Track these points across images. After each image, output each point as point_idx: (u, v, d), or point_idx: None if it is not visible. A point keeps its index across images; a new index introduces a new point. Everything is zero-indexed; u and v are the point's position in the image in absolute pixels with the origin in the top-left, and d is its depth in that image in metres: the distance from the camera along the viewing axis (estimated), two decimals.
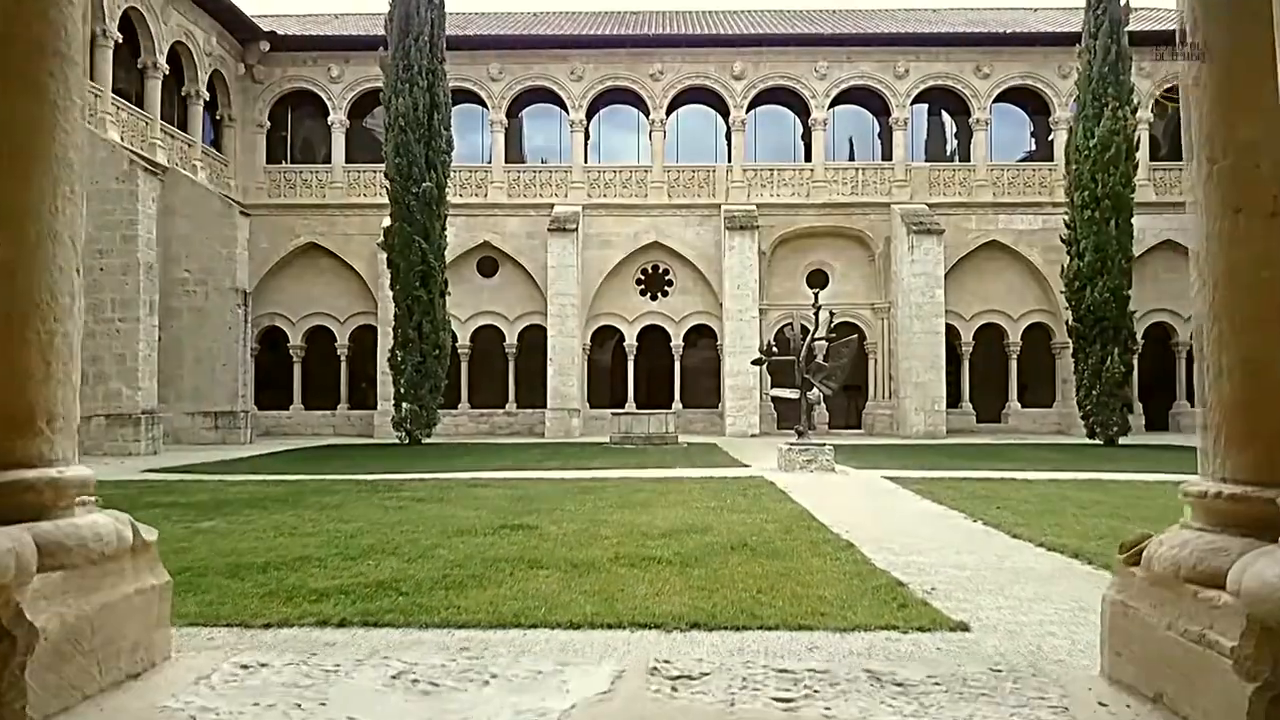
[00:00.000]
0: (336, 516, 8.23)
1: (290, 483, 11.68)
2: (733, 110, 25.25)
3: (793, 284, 25.64)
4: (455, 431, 25.26)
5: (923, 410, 23.38)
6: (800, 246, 25.62)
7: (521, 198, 25.44)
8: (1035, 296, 25.50)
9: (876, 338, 25.41)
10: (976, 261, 25.26)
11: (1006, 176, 25.41)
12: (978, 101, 25.14)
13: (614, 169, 25.56)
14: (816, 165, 25.31)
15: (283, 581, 5.26)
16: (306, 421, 25.59)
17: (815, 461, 13.10)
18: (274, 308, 25.75)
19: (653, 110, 25.28)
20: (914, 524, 8.34)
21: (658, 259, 25.72)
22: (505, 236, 25.30)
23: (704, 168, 25.53)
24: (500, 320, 25.69)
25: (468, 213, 25.23)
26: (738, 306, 23.80)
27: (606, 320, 25.78)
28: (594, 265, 25.19)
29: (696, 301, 25.65)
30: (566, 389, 23.67)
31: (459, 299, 25.35)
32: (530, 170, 25.64)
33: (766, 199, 25.24)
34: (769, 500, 9.79)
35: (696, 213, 25.29)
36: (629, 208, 25.26)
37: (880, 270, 25.33)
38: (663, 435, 20.40)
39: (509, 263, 25.55)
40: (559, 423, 23.57)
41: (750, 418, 23.57)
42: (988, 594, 5.36)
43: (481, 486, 11.13)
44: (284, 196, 25.58)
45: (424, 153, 19.45)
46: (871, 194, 25.34)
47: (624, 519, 8.10)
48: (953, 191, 25.34)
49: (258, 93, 25.51)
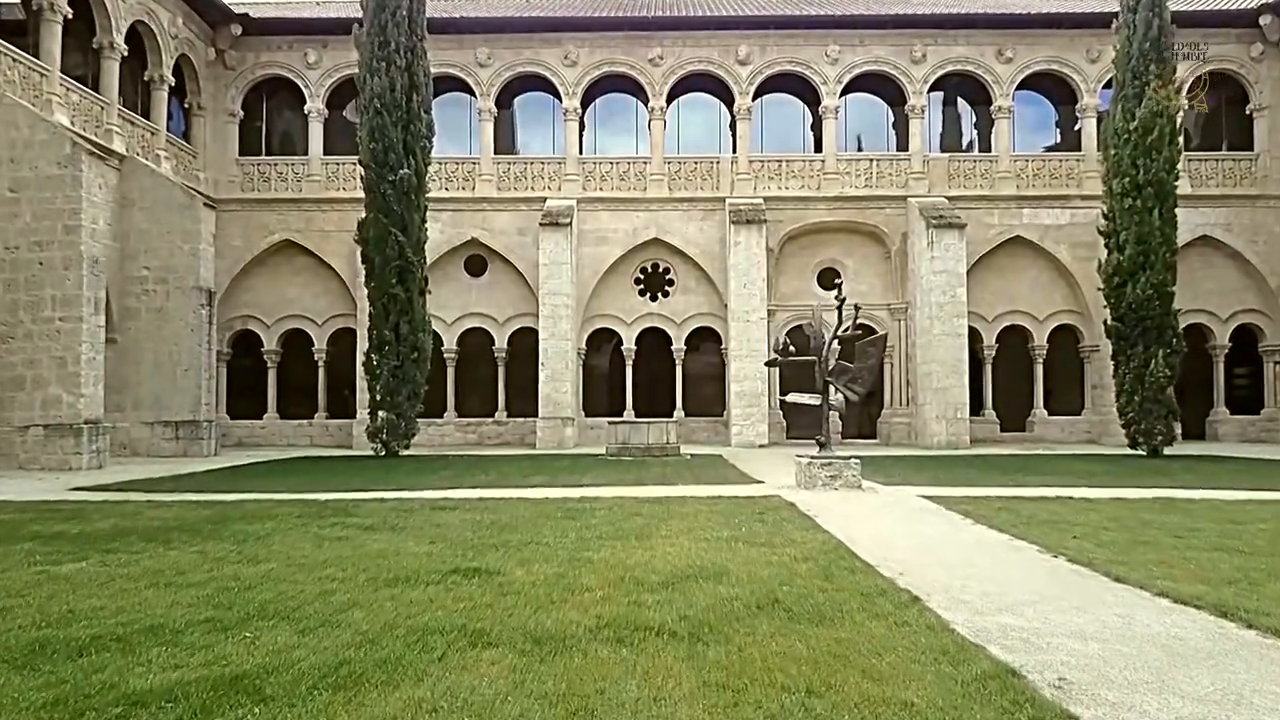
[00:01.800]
0: (250, 555, 6.49)
1: (225, 504, 9.93)
2: (738, 98, 23.58)
3: (802, 283, 23.92)
4: (441, 442, 23.53)
5: (944, 418, 21.62)
6: (810, 243, 23.91)
7: (512, 191, 23.75)
8: (1063, 296, 23.76)
9: (893, 340, 23.66)
10: (999, 259, 23.54)
11: (1031, 168, 23.70)
12: (1000, 88, 23.45)
13: (611, 161, 23.88)
14: (828, 156, 23.62)
15: (92, 676, 3.53)
16: (281, 432, 23.84)
17: (840, 477, 11.35)
18: (247, 310, 24.04)
19: (652, 98, 23.61)
20: (981, 561, 6.59)
21: (658, 256, 24.02)
22: (494, 233, 23.60)
23: (707, 159, 23.85)
24: (489, 322, 23.97)
25: (454, 207, 23.57)
26: (744, 307, 22.07)
27: (603, 322, 24.06)
28: (589, 263, 23.48)
29: (699, 302, 23.93)
30: (560, 396, 21.92)
31: (445, 300, 23.69)
32: (521, 162, 23.97)
33: (774, 192, 23.55)
34: (794, 528, 8.04)
35: (699, 207, 23.60)
36: (627, 202, 23.58)
37: (897, 268, 23.61)
38: (663, 446, 18.66)
39: (498, 261, 23.84)
40: (552, 432, 21.82)
41: (758, 426, 21.81)
42: (1149, 691, 3.61)
43: (448, 509, 9.38)
44: (258, 190, 23.89)
45: (402, 137, 17.76)
46: (886, 186, 23.64)
47: (614, 557, 6.37)
48: (973, 184, 23.63)
49: (229, 80, 23.85)
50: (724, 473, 14.50)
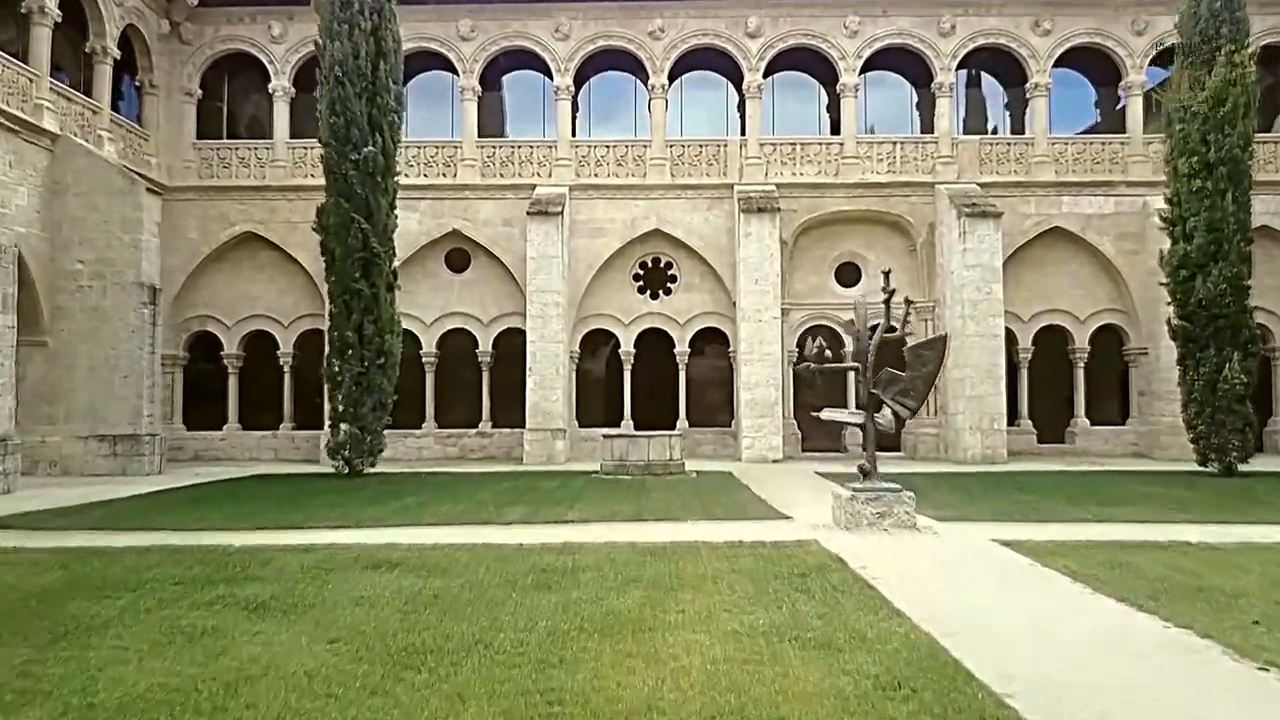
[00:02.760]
0: (31, 678, 4.20)
1: (95, 559, 7.63)
2: (747, 75, 21.31)
3: (819, 279, 21.65)
4: (418, 456, 21.25)
5: (979, 430, 19.34)
6: (828, 234, 21.64)
7: (497, 177, 21.47)
8: (1106, 294, 21.49)
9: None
10: (1036, 252, 21.27)
11: (1070, 152, 21.43)
12: (1036, 63, 21.18)
13: (607, 144, 21.60)
14: (846, 139, 21.35)
15: None
16: (243, 444, 21.55)
17: (890, 515, 9.08)
18: (205, 309, 21.75)
19: (652, 75, 21.35)
20: (1166, 686, 4.32)
21: (659, 250, 21.74)
22: (478, 224, 21.33)
23: (713, 142, 21.57)
24: (473, 323, 21.69)
25: (434, 195, 21.30)
26: (756, 305, 19.79)
27: (598, 322, 21.78)
28: (583, 257, 21.22)
29: (705, 300, 21.66)
30: (549, 405, 19.64)
31: (423, 297, 21.44)
32: (508, 146, 21.69)
33: (788, 178, 21.28)
34: (853, 605, 5.78)
35: (705, 194, 21.33)
36: (625, 189, 21.30)
37: (923, 262, 21.34)
38: (666, 463, 16.38)
39: (483, 254, 21.57)
40: (540, 446, 19.53)
41: (771, 439, 19.52)
42: None
43: (385, 569, 7.10)
44: (217, 177, 21.61)
45: (366, 110, 15.50)
46: (911, 172, 21.37)
47: (598, 684, 4.10)
48: (1007, 169, 21.37)
49: (186, 55, 21.56)
50: (740, 500, 12.21)
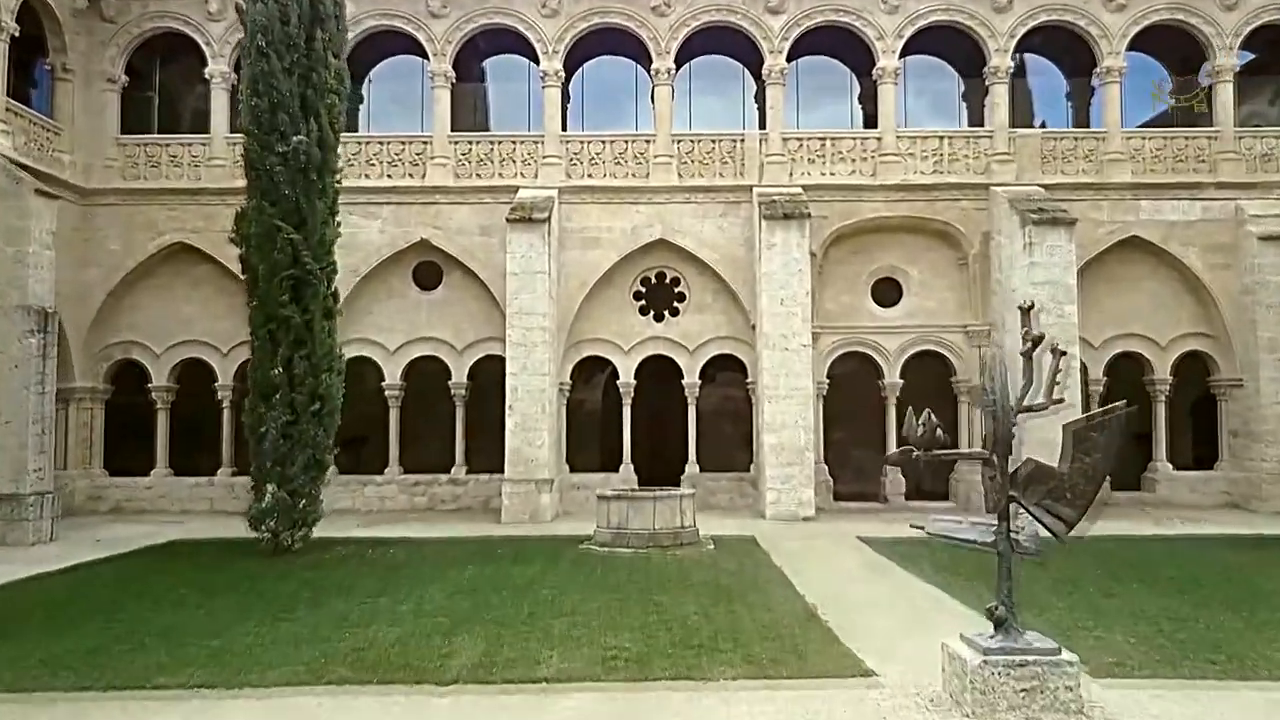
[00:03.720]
0: None
1: None
2: (768, 57, 18.09)
3: (853, 298, 18.39)
4: (381, 508, 17.98)
5: None
6: (863, 245, 18.39)
7: (474, 178, 18.21)
8: (1190, 315, 18.24)
9: (971, 373, 18.12)
10: (1109, 266, 18.02)
11: (1149, 148, 18.20)
12: (1108, 43, 17.97)
13: (603, 139, 18.36)
14: (885, 133, 18.11)
15: None
16: (174, 493, 18.22)
17: (1043, 692, 5.72)
18: (130, 334, 18.46)
19: (656, 58, 18.12)
20: None
21: (664, 263, 18.49)
22: (450, 232, 18.06)
23: (728, 137, 18.33)
24: (445, 349, 18.40)
25: (399, 199, 18.07)
26: (781, 330, 16.50)
27: (593, 349, 18.50)
28: (575, 272, 17.96)
29: (719, 322, 18.38)
30: (533, 451, 16.31)
31: (387, 320, 18.20)
32: (486, 141, 18.42)
33: (816, 179, 18.03)
34: None
35: (718, 198, 18.08)
36: (624, 192, 18.06)
37: (975, 278, 18.08)
38: (675, 531, 13.09)
39: (456, 269, 18.30)
40: (522, 501, 16.20)
41: (801, 492, 16.20)
42: None
43: None
44: (144, 178, 18.35)
45: (299, 90, 12.25)
46: (961, 172, 18.13)
47: None
48: (1074, 169, 18.13)
49: (108, 35, 18.32)
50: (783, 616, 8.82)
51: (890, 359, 18.22)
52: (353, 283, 17.81)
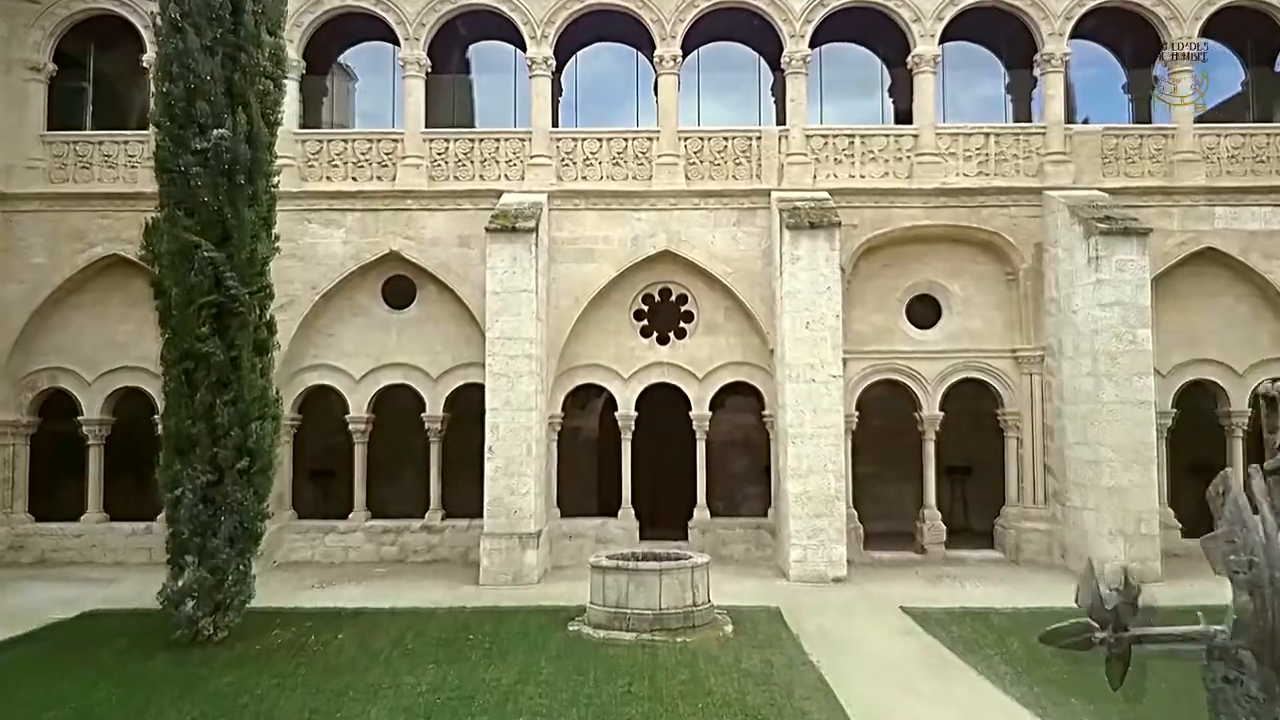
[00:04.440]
0: None
1: None
2: (788, 43, 15.77)
3: (886, 317, 16.07)
4: (345, 559, 15.67)
5: (1120, 534, 13.71)
6: (898, 257, 16.08)
7: (451, 181, 15.88)
8: (1273, 338, 15.90)
9: (1021, 404, 15.82)
10: (1177, 282, 15.68)
11: (1225, 147, 15.87)
12: (1178, 26, 15.66)
13: (599, 136, 16.03)
14: (923, 129, 15.79)
15: None
16: (106, 542, 15.90)
17: None
18: (57, 359, 16.14)
19: (660, 43, 15.80)
20: None
21: (669, 278, 16.17)
22: (424, 243, 15.74)
23: (743, 133, 16.01)
24: (418, 377, 16.07)
25: (365, 204, 15.75)
26: (807, 359, 14.16)
27: (587, 375, 16.19)
28: (567, 289, 15.64)
29: (732, 345, 16.07)
30: (517, 500, 13.96)
31: (352, 343, 15.88)
32: (465, 138, 16.07)
33: (843, 182, 15.72)
34: None
35: (731, 204, 15.77)
36: (624, 197, 15.75)
37: (1026, 296, 15.76)
38: (686, 611, 10.74)
39: (431, 285, 15.98)
40: (504, 559, 13.83)
41: (831, 549, 13.83)
42: None
43: None
44: (74, 181, 16.03)
45: (222, 74, 9.92)
46: (1010, 174, 15.82)
47: None
48: (1139, 171, 15.81)
49: (32, 17, 16.00)
50: None
51: (928, 388, 15.91)
52: (312, 301, 15.57)
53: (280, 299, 15.10)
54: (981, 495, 18.19)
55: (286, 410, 15.58)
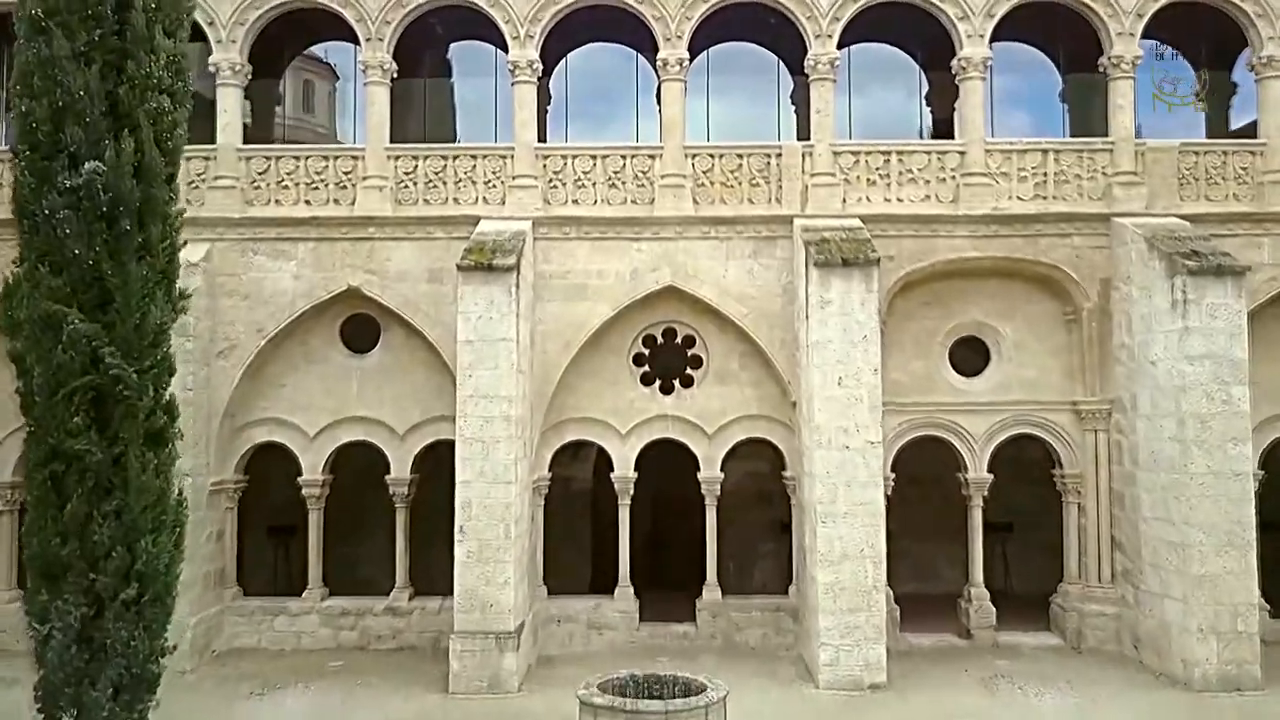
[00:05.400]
0: None
1: None
2: (813, 44, 13.49)
3: (925, 364, 13.82)
4: (296, 645, 13.49)
5: (1212, 632, 11.47)
6: (939, 294, 13.82)
7: (420, 205, 13.62)
8: None
9: (1084, 465, 13.60)
10: (1264, 324, 13.37)
11: None
12: (1268, 24, 13.39)
13: (593, 153, 13.74)
14: (970, 144, 13.52)
15: None
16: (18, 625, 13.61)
17: None
18: None
19: (665, 44, 13.52)
20: None
21: (674, 317, 13.91)
22: (388, 279, 13.47)
23: (760, 150, 13.72)
24: (382, 433, 13.81)
25: (319, 234, 13.50)
26: (840, 421, 11.89)
27: (579, 431, 13.94)
28: (556, 331, 13.40)
29: (748, 397, 13.82)
30: (493, 592, 11.67)
31: (305, 394, 13.68)
32: (437, 155, 13.76)
33: (878, 207, 13.47)
34: None
35: (747, 232, 13.51)
36: (622, 224, 13.49)
37: (1092, 340, 13.51)
38: None
39: (397, 326, 13.73)
40: (477, 661, 11.53)
41: (869, 649, 11.55)
42: None
43: None
44: None
45: (101, 87, 7.65)
46: (1072, 197, 13.55)
47: None
48: (1222, 193, 13.53)
49: None
50: None
51: (975, 446, 13.68)
52: (257, 346, 13.35)
53: (221, 344, 13.22)
54: (1025, 555, 16.12)
55: (229, 473, 13.51)
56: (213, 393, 13.16)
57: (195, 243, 13.01)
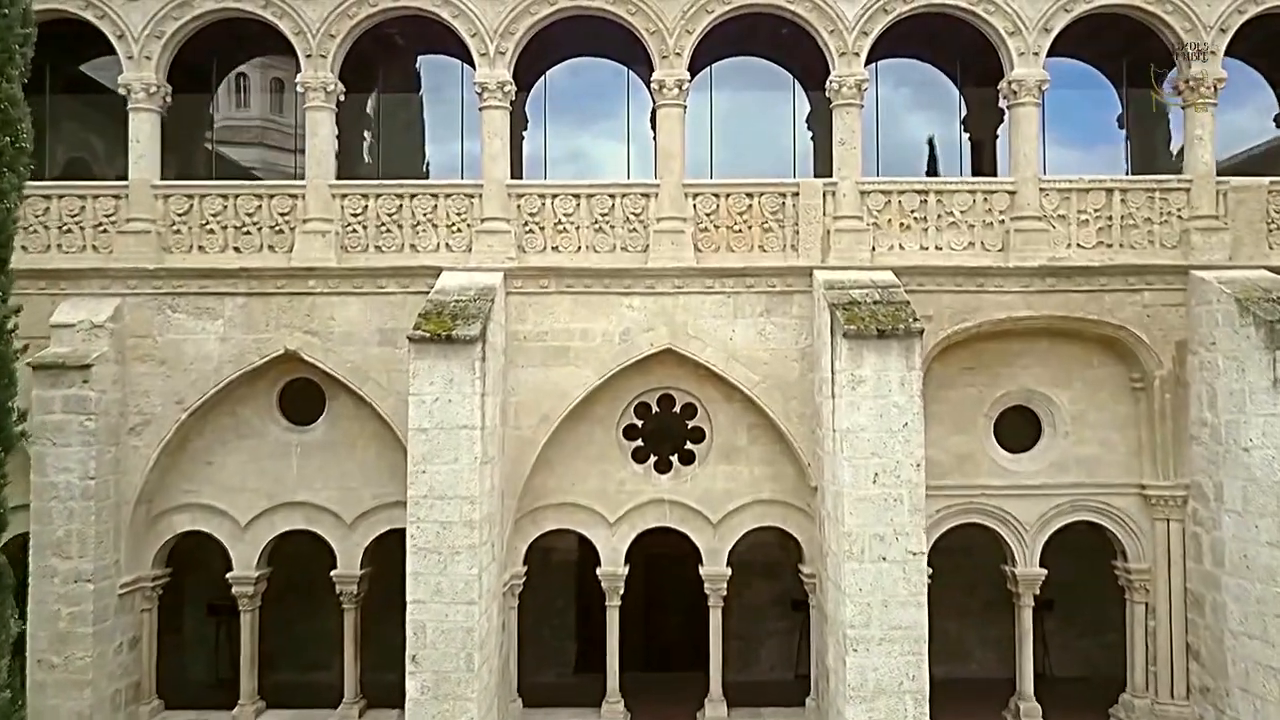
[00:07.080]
0: None
1: None
2: (836, 62, 11.38)
3: (967, 440, 11.73)
4: None
5: None
6: (983, 357, 11.74)
7: (371, 253, 11.48)
8: None
9: (1151, 560, 11.58)
10: None
11: None
12: None
13: (576, 191, 11.61)
14: (1022, 183, 11.43)
15: None
16: None
17: None
18: None
19: (661, 62, 11.40)
20: None
21: (672, 383, 11.81)
22: (333, 340, 11.33)
23: (774, 188, 11.60)
24: (327, 520, 11.68)
25: (250, 287, 11.36)
26: (875, 527, 9.80)
27: (558, 518, 11.85)
28: (532, 403, 11.31)
29: (759, 477, 11.74)
30: None
31: (235, 474, 11.55)
32: (390, 194, 11.61)
33: (913, 257, 11.39)
34: None
35: (757, 286, 11.41)
36: (610, 276, 11.37)
37: (1163, 414, 11.45)
38: None
39: (344, 395, 11.59)
40: None
41: None
42: None
43: None
44: None
45: None
46: (1141, 245, 11.48)
47: None
48: None
49: None
50: None
51: (1024, 535, 11.65)
52: (177, 420, 11.22)
53: (133, 418, 11.12)
54: (1067, 634, 14.22)
55: (146, 569, 11.44)
56: (122, 477, 11.05)
57: (101, 298, 11.16)
